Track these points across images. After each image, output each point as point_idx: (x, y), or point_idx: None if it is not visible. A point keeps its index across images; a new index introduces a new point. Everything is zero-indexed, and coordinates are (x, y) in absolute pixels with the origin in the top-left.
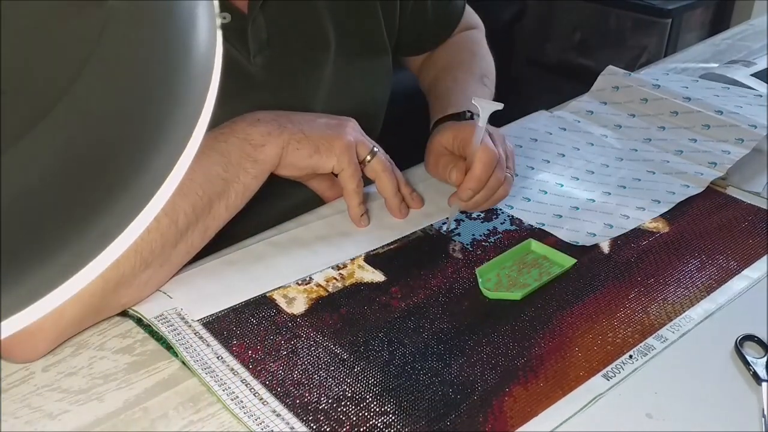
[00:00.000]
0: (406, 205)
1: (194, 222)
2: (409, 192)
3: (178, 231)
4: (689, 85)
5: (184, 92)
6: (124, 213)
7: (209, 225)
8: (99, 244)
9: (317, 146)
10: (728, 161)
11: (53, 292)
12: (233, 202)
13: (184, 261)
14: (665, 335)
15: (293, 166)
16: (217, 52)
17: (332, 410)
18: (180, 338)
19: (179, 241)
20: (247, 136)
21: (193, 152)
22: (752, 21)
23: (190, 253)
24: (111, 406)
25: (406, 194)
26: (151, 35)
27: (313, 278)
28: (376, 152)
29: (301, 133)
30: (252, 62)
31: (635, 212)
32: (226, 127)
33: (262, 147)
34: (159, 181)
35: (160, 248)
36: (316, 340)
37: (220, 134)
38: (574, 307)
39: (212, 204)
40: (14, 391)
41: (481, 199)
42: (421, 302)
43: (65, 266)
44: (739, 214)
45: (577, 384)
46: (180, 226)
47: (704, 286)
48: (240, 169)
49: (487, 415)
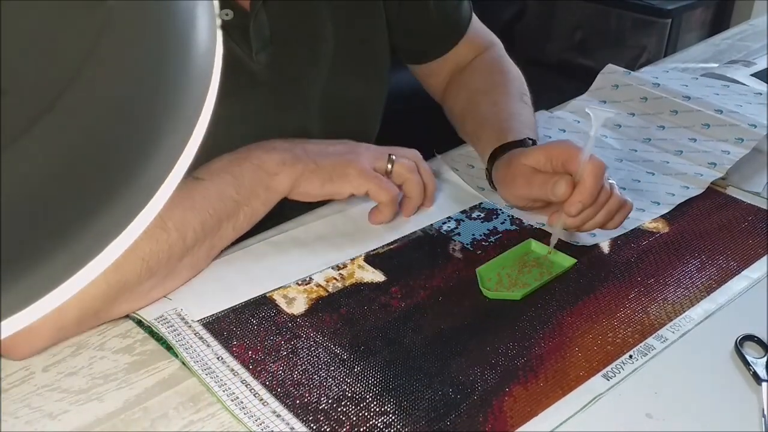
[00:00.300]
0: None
1: (202, 239)
2: (432, 190)
3: (186, 246)
4: (689, 83)
5: (183, 92)
6: (124, 213)
7: (215, 244)
8: (98, 245)
9: (330, 176)
10: (728, 161)
11: (52, 292)
12: (241, 224)
13: (188, 276)
14: (665, 335)
15: (306, 194)
16: (217, 52)
17: (332, 410)
18: (180, 339)
19: (185, 255)
20: (262, 164)
21: (193, 153)
22: (752, 21)
23: (194, 269)
24: (111, 406)
25: (428, 194)
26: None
27: (313, 278)
28: (394, 159)
29: (314, 163)
30: (254, 60)
31: (635, 213)
32: (243, 152)
33: (275, 175)
34: (158, 181)
35: (166, 260)
36: (316, 341)
37: (236, 158)
38: (574, 306)
39: (221, 224)
40: (14, 391)
41: (590, 214)
42: (421, 302)
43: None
44: (739, 214)
45: (577, 384)
46: (188, 241)
47: (704, 286)
48: (252, 194)
49: (487, 415)
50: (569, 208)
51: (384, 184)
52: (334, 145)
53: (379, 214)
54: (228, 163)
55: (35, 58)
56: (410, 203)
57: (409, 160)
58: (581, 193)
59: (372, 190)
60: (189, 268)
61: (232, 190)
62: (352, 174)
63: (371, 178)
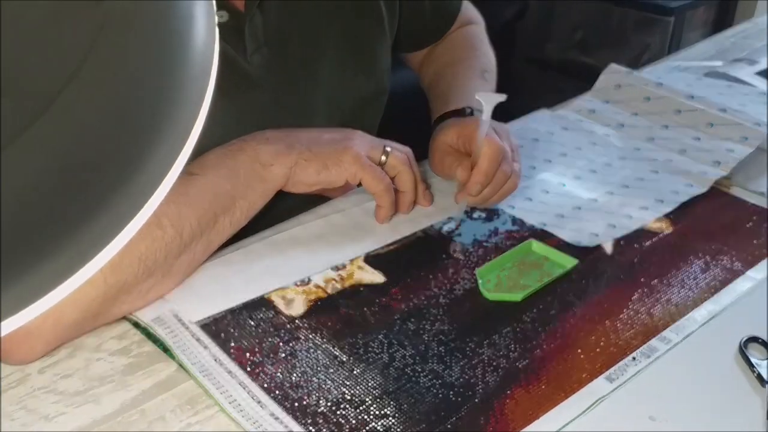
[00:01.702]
0: (414, 202)
1: (198, 235)
2: (423, 189)
3: (183, 242)
4: (692, 83)
5: (181, 92)
6: (122, 214)
7: (213, 239)
8: (96, 246)
9: (325, 163)
10: (732, 160)
11: (50, 293)
12: (238, 218)
13: (186, 273)
14: (669, 337)
15: (302, 183)
16: (214, 52)
17: (331, 413)
18: (177, 340)
19: (183, 252)
20: (257, 155)
21: (189, 152)
22: (756, 19)
23: (192, 266)
24: (108, 408)
25: (420, 192)
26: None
27: (312, 279)
28: (389, 151)
29: (309, 151)
30: (249, 61)
31: (638, 212)
32: (236, 144)
33: (270, 167)
34: (156, 181)
35: (163, 258)
36: (315, 342)
37: (229, 151)
38: (576, 308)
39: (217, 218)
40: (10, 393)
41: (489, 194)
42: (422, 303)
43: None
44: (743, 215)
45: (579, 386)
46: (185, 237)
47: (708, 287)
48: (248, 187)
49: (489, 418)
50: (470, 188)
51: (378, 173)
52: (329, 132)
53: (380, 209)
54: (222, 156)
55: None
56: (405, 197)
57: (402, 153)
58: (476, 174)
59: (366, 179)
60: (187, 265)
61: (228, 183)
62: (347, 161)
63: (366, 166)
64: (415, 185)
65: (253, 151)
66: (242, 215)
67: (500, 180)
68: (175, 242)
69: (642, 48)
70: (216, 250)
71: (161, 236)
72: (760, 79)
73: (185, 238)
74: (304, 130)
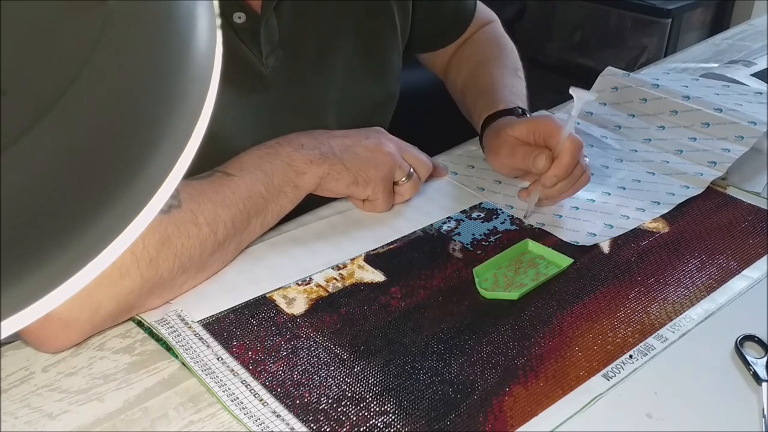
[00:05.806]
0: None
1: (232, 234)
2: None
3: (216, 241)
4: (689, 84)
5: (183, 93)
6: (124, 213)
7: (244, 239)
8: (98, 245)
9: (356, 178)
10: (728, 160)
11: (53, 292)
12: (268, 220)
13: (217, 269)
14: (665, 335)
15: (330, 191)
16: (216, 52)
17: (332, 410)
18: (180, 339)
19: (216, 250)
20: (291, 161)
21: (193, 152)
22: (752, 21)
23: (223, 263)
24: (111, 406)
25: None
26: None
27: (312, 278)
28: (411, 174)
29: (341, 164)
30: (264, 63)
31: (635, 213)
32: (271, 147)
33: (303, 174)
34: (158, 181)
35: (198, 255)
36: (316, 341)
37: (266, 154)
38: (574, 306)
39: (250, 220)
40: (14, 391)
41: (564, 187)
42: (421, 302)
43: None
44: (739, 214)
45: (577, 384)
46: (219, 236)
47: (704, 286)
48: (280, 192)
49: (487, 415)
50: (546, 180)
51: (389, 202)
52: (361, 140)
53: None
54: (258, 159)
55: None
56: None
57: (418, 181)
58: (557, 168)
59: (378, 204)
60: (219, 262)
61: (262, 187)
62: (374, 181)
63: (386, 192)
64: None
65: (287, 157)
66: (273, 218)
67: (577, 174)
68: (209, 240)
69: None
70: None
71: (197, 234)
72: (757, 80)
73: (219, 237)
74: (337, 134)
